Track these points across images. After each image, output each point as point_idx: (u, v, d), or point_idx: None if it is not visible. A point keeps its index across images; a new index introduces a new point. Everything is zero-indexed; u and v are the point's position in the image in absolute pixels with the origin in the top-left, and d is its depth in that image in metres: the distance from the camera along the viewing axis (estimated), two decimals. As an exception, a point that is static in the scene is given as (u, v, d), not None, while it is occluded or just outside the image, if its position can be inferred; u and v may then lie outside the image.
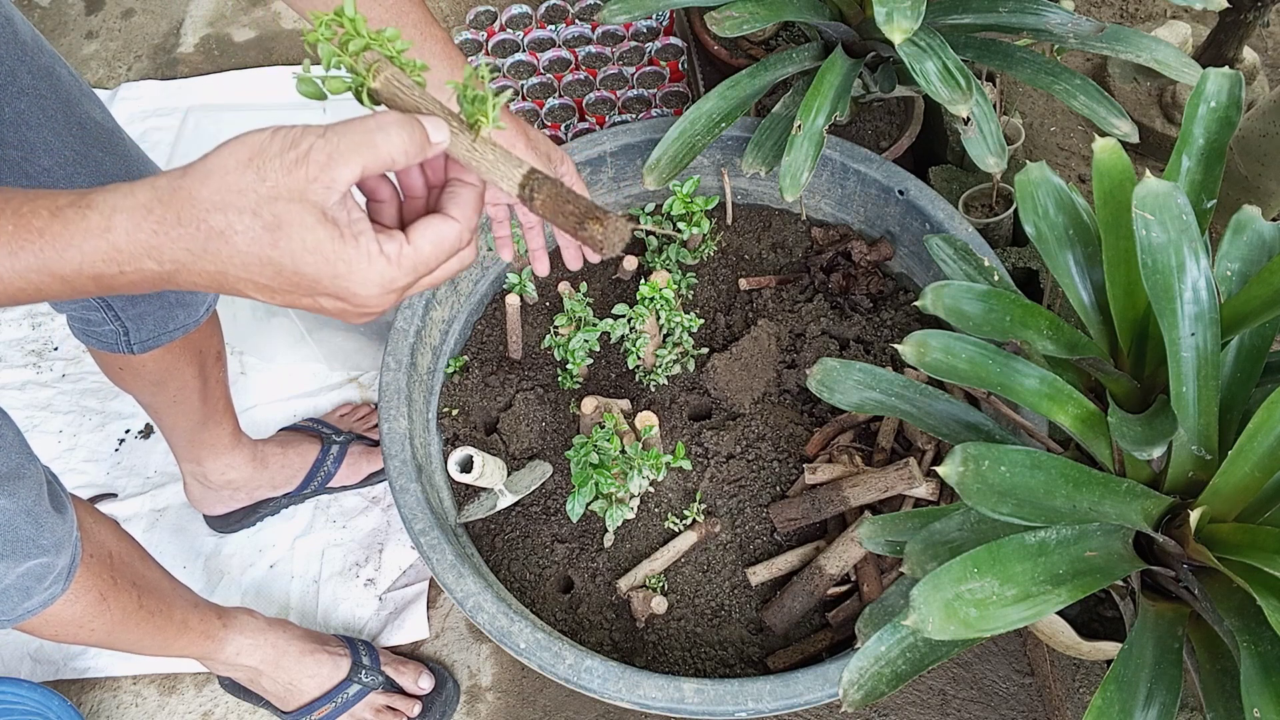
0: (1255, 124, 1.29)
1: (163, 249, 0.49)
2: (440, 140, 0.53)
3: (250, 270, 0.50)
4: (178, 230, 0.48)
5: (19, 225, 0.48)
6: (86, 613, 0.94)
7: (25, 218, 0.48)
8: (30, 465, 0.83)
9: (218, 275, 0.50)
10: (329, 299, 0.52)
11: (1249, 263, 0.85)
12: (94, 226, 0.48)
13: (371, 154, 0.50)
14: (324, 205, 0.49)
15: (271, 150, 0.49)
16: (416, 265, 0.53)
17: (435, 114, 0.54)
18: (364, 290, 0.51)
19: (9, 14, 0.84)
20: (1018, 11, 1.08)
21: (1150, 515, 0.75)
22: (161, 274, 0.50)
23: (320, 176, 0.49)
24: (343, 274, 0.50)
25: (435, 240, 0.53)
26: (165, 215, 0.48)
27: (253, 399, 1.55)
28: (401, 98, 0.55)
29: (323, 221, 0.49)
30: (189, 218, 0.48)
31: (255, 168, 0.49)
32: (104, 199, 0.49)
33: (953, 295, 0.83)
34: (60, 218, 0.48)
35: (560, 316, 1.20)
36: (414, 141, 0.51)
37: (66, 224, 0.48)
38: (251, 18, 2.06)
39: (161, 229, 0.48)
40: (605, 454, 1.03)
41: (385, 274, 0.51)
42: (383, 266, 0.51)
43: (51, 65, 0.88)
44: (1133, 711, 0.69)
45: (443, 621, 1.34)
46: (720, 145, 1.28)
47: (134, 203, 0.49)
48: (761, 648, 1.07)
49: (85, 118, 0.91)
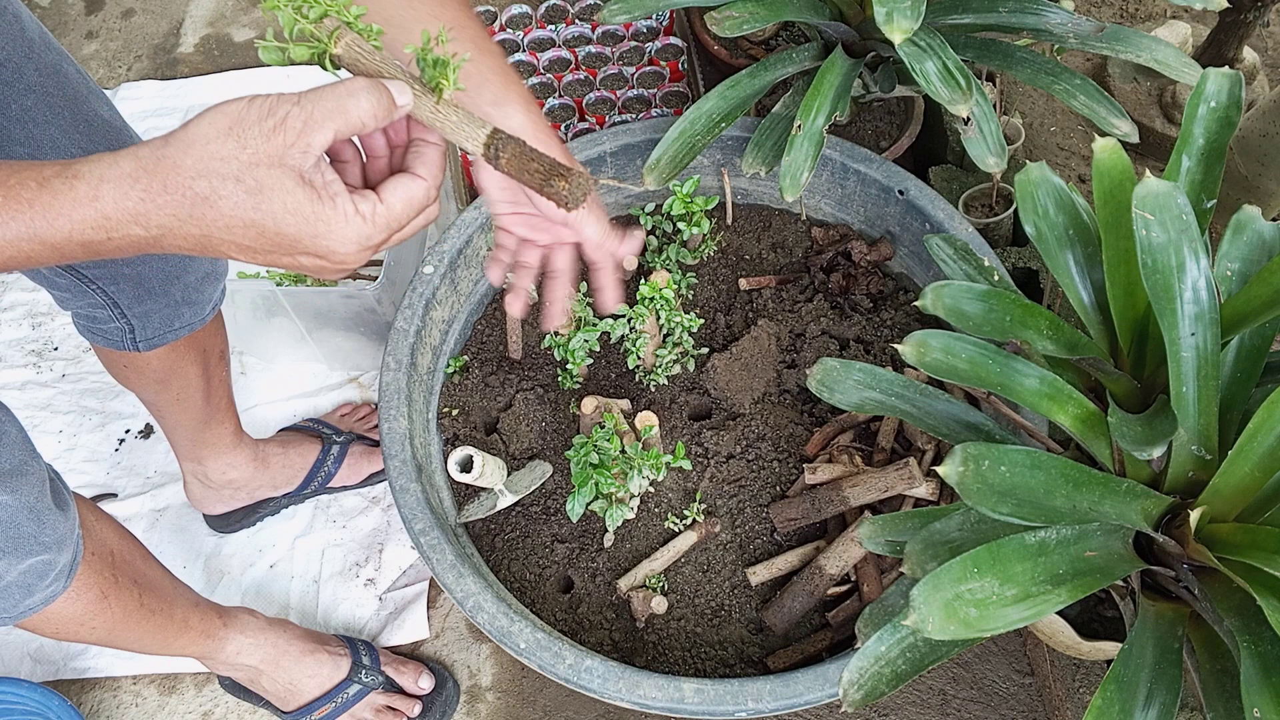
0: (1255, 124, 1.29)
1: (149, 215, 0.51)
2: (405, 103, 0.56)
3: (234, 233, 0.52)
4: (164, 198, 0.51)
5: (7, 196, 0.50)
6: (87, 611, 0.94)
7: (13, 189, 0.50)
8: (33, 462, 0.83)
9: (202, 239, 0.53)
10: (308, 257, 0.55)
11: (1249, 263, 0.85)
12: (82, 196, 0.51)
13: (343, 119, 0.53)
14: (301, 168, 0.52)
15: (250, 118, 0.52)
16: (390, 222, 0.56)
17: (398, 78, 0.57)
18: (342, 248, 0.54)
19: (17, 11, 0.85)
20: (1018, 11, 1.08)
21: (1150, 515, 0.75)
22: (148, 239, 0.52)
23: (297, 142, 0.52)
24: (322, 233, 0.53)
25: (405, 198, 0.57)
26: (151, 184, 0.51)
27: (253, 399, 1.55)
28: (363, 62, 0.57)
29: (301, 184, 0.52)
30: (174, 185, 0.51)
31: (235, 135, 0.51)
32: (90, 169, 0.51)
33: (953, 295, 0.83)
34: (48, 188, 0.50)
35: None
36: (381, 105, 0.55)
37: (55, 194, 0.50)
38: (251, 18, 2.06)
39: (148, 196, 0.51)
40: (605, 454, 1.03)
41: (361, 231, 0.55)
42: (359, 225, 0.55)
43: (58, 62, 0.88)
44: (1133, 711, 0.69)
45: (443, 621, 1.34)
46: (720, 145, 1.28)
47: (120, 172, 0.51)
48: (761, 648, 1.07)
49: (92, 115, 0.91)
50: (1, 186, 0.50)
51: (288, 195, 0.52)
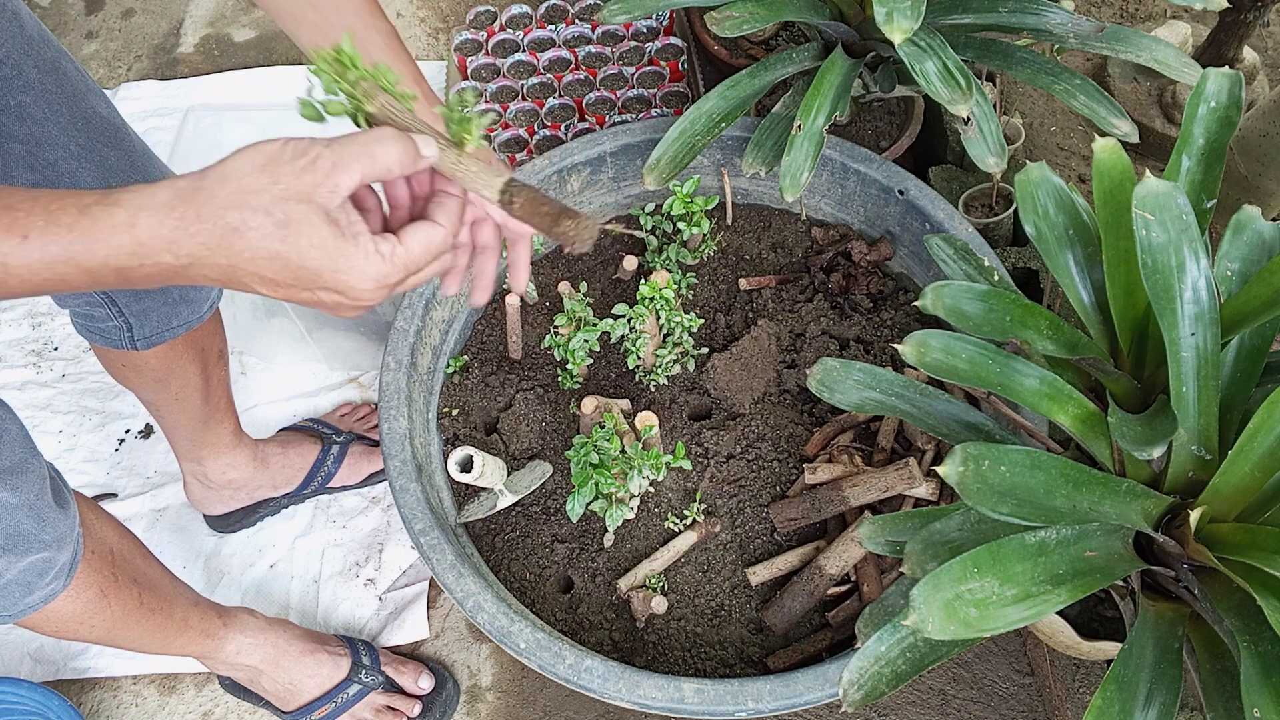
0: (1255, 124, 1.29)
1: (181, 243, 0.53)
2: (430, 154, 0.60)
3: (259, 264, 0.54)
4: (197, 226, 0.53)
5: (49, 221, 0.52)
6: (87, 609, 0.94)
7: (55, 214, 0.52)
8: (34, 460, 0.83)
9: (229, 269, 0.55)
10: (327, 292, 0.57)
11: (1249, 263, 0.85)
12: (120, 223, 0.53)
13: (370, 163, 0.56)
14: (328, 207, 0.55)
15: (284, 157, 0.55)
16: (408, 264, 0.59)
17: (425, 133, 0.61)
18: (360, 284, 0.57)
19: (15, 8, 0.85)
20: (1018, 11, 1.08)
21: (1150, 515, 0.75)
22: (177, 267, 0.54)
23: (325, 181, 0.55)
24: (343, 269, 0.56)
25: (424, 242, 0.60)
26: (185, 212, 0.53)
27: (253, 399, 1.55)
28: (395, 120, 0.62)
29: (327, 221, 0.55)
30: (208, 214, 0.53)
31: (269, 172, 0.54)
32: (129, 198, 0.54)
33: (953, 295, 0.83)
34: (88, 215, 0.53)
35: (560, 316, 1.20)
36: (407, 154, 0.58)
37: (94, 220, 0.52)
38: (251, 18, 2.06)
39: (182, 225, 0.53)
40: (605, 454, 1.03)
41: (380, 270, 0.57)
42: (378, 263, 0.57)
43: (57, 60, 0.88)
44: (1133, 711, 0.69)
45: (443, 621, 1.34)
46: (720, 145, 1.28)
47: (157, 201, 0.53)
48: (761, 648, 1.07)
49: (90, 112, 0.91)
50: (44, 212, 0.52)
51: (314, 230, 0.54)
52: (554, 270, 1.32)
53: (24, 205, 0.52)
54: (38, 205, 0.52)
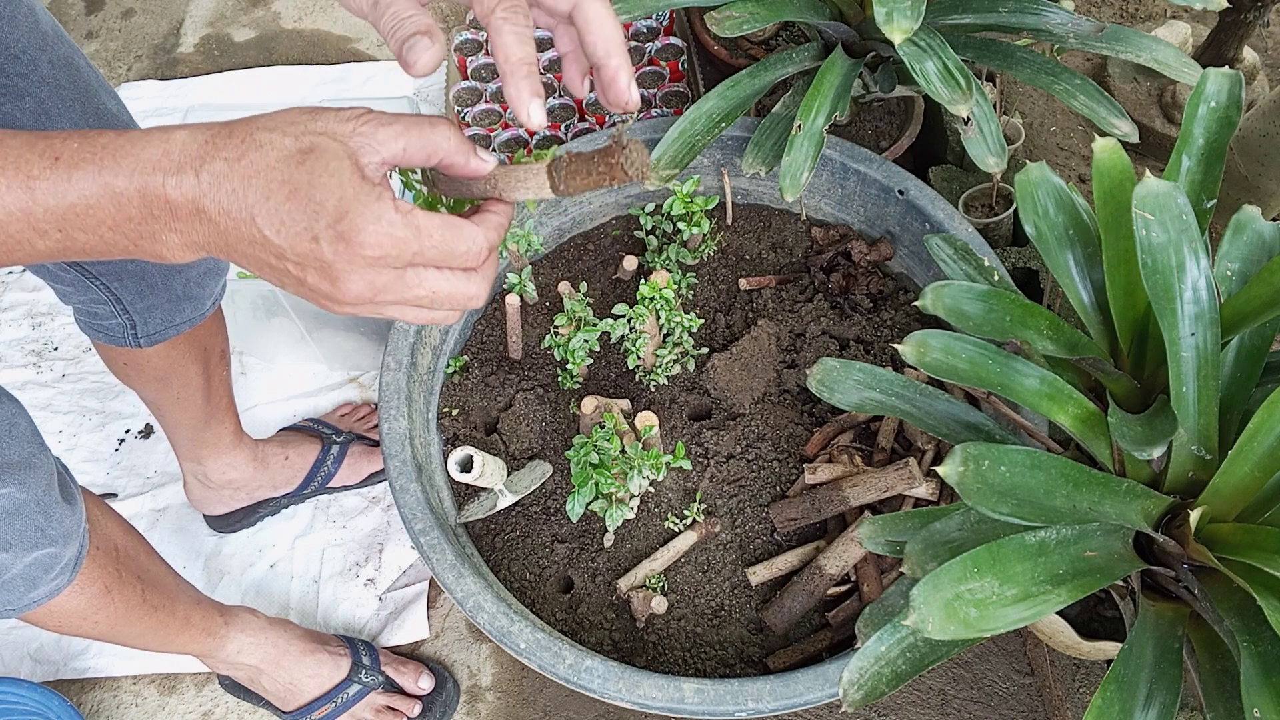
0: (1255, 124, 1.29)
1: (206, 159, 0.51)
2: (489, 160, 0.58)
3: (271, 186, 0.51)
4: (226, 140, 0.51)
5: (84, 142, 0.51)
6: (91, 605, 0.94)
7: (91, 137, 0.51)
8: (41, 455, 0.83)
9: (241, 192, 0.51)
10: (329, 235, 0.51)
11: (1249, 263, 0.85)
12: (155, 138, 0.52)
13: (418, 134, 0.53)
14: (360, 155, 0.52)
15: (333, 109, 0.53)
16: (420, 229, 0.52)
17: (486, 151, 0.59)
18: (362, 221, 0.51)
19: (31, 4, 0.85)
20: (1018, 11, 1.08)
21: (1150, 515, 0.75)
22: (198, 191, 0.51)
23: (365, 130, 0.52)
24: (349, 198, 0.51)
25: (448, 223, 0.54)
26: (220, 130, 0.52)
27: (253, 399, 1.55)
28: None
29: (352, 161, 0.51)
30: (239, 131, 0.52)
31: (311, 112, 0.53)
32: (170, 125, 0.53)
33: (953, 295, 0.83)
34: (125, 135, 0.52)
35: (560, 316, 1.20)
36: (462, 142, 0.55)
37: (131, 139, 0.51)
38: (251, 18, 2.06)
39: (213, 139, 0.52)
40: (605, 454, 1.03)
41: (388, 215, 0.51)
42: (390, 209, 0.51)
43: (71, 55, 0.89)
44: (1133, 711, 0.69)
45: (443, 621, 1.34)
46: (720, 145, 1.28)
47: (198, 126, 0.53)
48: (761, 648, 1.07)
49: (102, 108, 0.92)
50: (81, 136, 0.51)
51: (334, 160, 0.51)
52: (554, 270, 1.32)
53: (61, 135, 0.51)
54: (76, 133, 0.51)
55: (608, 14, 0.61)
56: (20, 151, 0.50)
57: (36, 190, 0.50)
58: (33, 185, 0.50)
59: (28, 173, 0.50)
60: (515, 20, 0.57)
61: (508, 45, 0.56)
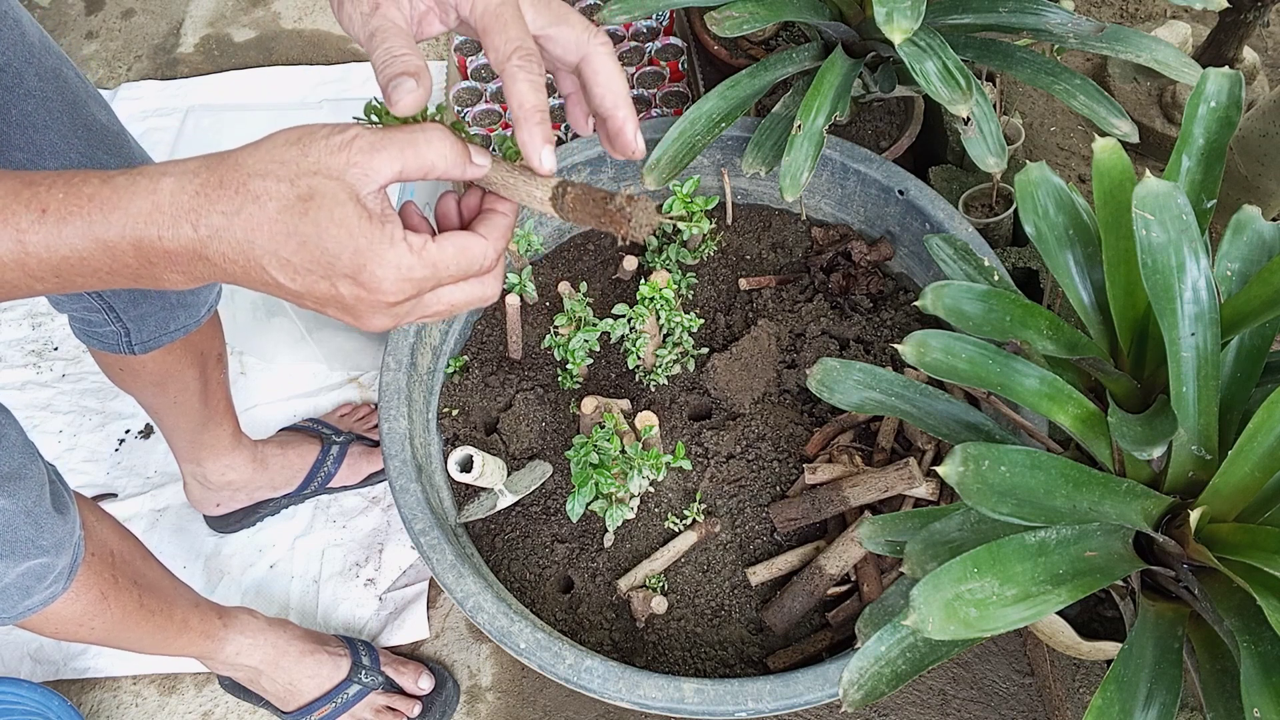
0: (1255, 124, 1.29)
1: (200, 212, 0.50)
2: (483, 164, 0.57)
3: (276, 240, 0.51)
4: (218, 192, 0.50)
5: (69, 193, 0.50)
6: (87, 611, 0.94)
7: (76, 186, 0.50)
8: (32, 466, 0.83)
9: (246, 246, 0.51)
10: (347, 282, 0.52)
11: (1249, 263, 0.85)
12: (141, 188, 0.50)
13: (413, 153, 0.53)
14: (358, 189, 0.51)
15: (320, 133, 0.52)
16: (436, 263, 0.54)
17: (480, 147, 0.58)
18: (381, 272, 0.52)
19: (17, 16, 0.84)
20: (1018, 11, 1.08)
21: (1150, 515, 0.75)
22: (196, 242, 0.51)
23: (360, 161, 0.51)
24: (362, 249, 0.51)
25: (460, 246, 0.55)
26: (209, 178, 0.51)
27: (253, 399, 1.55)
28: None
29: (354, 201, 0.51)
30: (230, 180, 0.51)
31: (301, 145, 0.51)
32: (156, 167, 0.52)
33: (953, 295, 0.83)
34: (111, 183, 0.51)
35: (560, 316, 1.20)
36: (455, 153, 0.55)
37: (116, 188, 0.50)
38: (251, 18, 2.06)
39: (204, 190, 0.51)
40: (605, 454, 1.03)
41: (404, 260, 0.52)
42: (403, 251, 0.52)
43: (58, 67, 0.88)
44: (1133, 711, 0.69)
45: (443, 621, 1.34)
46: (720, 145, 1.28)
47: (183, 168, 0.51)
48: (761, 648, 1.07)
49: (91, 120, 0.91)
50: (66, 185, 0.50)
51: (338, 207, 0.50)
52: (554, 270, 1.32)
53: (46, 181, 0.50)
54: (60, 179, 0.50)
55: (615, 68, 0.62)
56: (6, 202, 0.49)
57: (28, 244, 0.49)
58: (24, 239, 0.49)
59: (16, 225, 0.49)
60: (529, 69, 0.57)
61: (522, 93, 0.57)
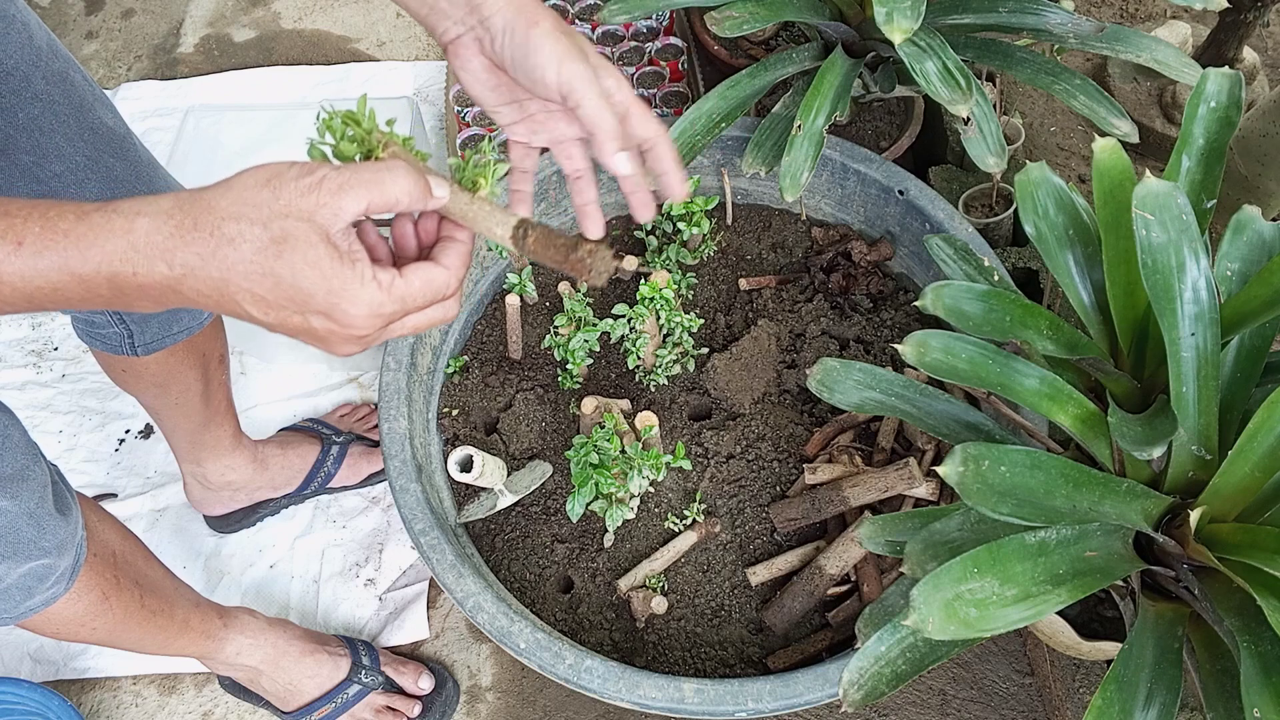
0: (1255, 124, 1.29)
1: (175, 252, 0.52)
2: (441, 196, 0.59)
3: (251, 279, 0.53)
4: (193, 234, 0.52)
5: (45, 227, 0.51)
6: (89, 611, 0.94)
7: (52, 220, 0.52)
8: (35, 467, 0.83)
9: (220, 283, 0.53)
10: (319, 317, 0.55)
11: (1249, 263, 0.85)
12: (117, 227, 0.52)
13: (378, 190, 0.55)
14: (329, 229, 0.54)
15: (289, 175, 0.54)
16: (404, 297, 0.57)
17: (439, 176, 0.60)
18: (353, 309, 0.55)
19: (25, 19, 0.84)
20: (1018, 11, 1.08)
21: (1150, 515, 0.75)
22: (171, 279, 0.53)
23: (329, 202, 0.54)
24: (336, 290, 0.54)
25: (425, 279, 0.58)
26: (184, 220, 0.52)
27: (253, 399, 1.55)
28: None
29: (325, 241, 0.54)
30: (204, 223, 0.53)
31: (272, 187, 0.53)
32: (129, 205, 0.53)
33: (953, 295, 0.83)
34: (86, 220, 0.52)
35: (560, 316, 1.20)
36: (417, 188, 0.57)
37: (91, 225, 0.52)
38: (251, 18, 2.06)
39: (178, 232, 0.52)
40: (605, 454, 1.03)
41: (375, 298, 0.56)
42: (374, 290, 0.55)
43: (65, 70, 0.88)
44: (1133, 711, 0.69)
45: (443, 621, 1.34)
46: (720, 145, 1.28)
47: (157, 208, 0.53)
48: (761, 648, 1.07)
49: (97, 123, 0.91)
50: (41, 218, 0.51)
51: (310, 249, 0.53)
52: (554, 271, 1.32)
53: (21, 213, 0.51)
54: (35, 212, 0.52)
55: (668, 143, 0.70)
56: None
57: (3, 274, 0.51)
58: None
59: None
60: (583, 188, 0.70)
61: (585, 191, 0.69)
